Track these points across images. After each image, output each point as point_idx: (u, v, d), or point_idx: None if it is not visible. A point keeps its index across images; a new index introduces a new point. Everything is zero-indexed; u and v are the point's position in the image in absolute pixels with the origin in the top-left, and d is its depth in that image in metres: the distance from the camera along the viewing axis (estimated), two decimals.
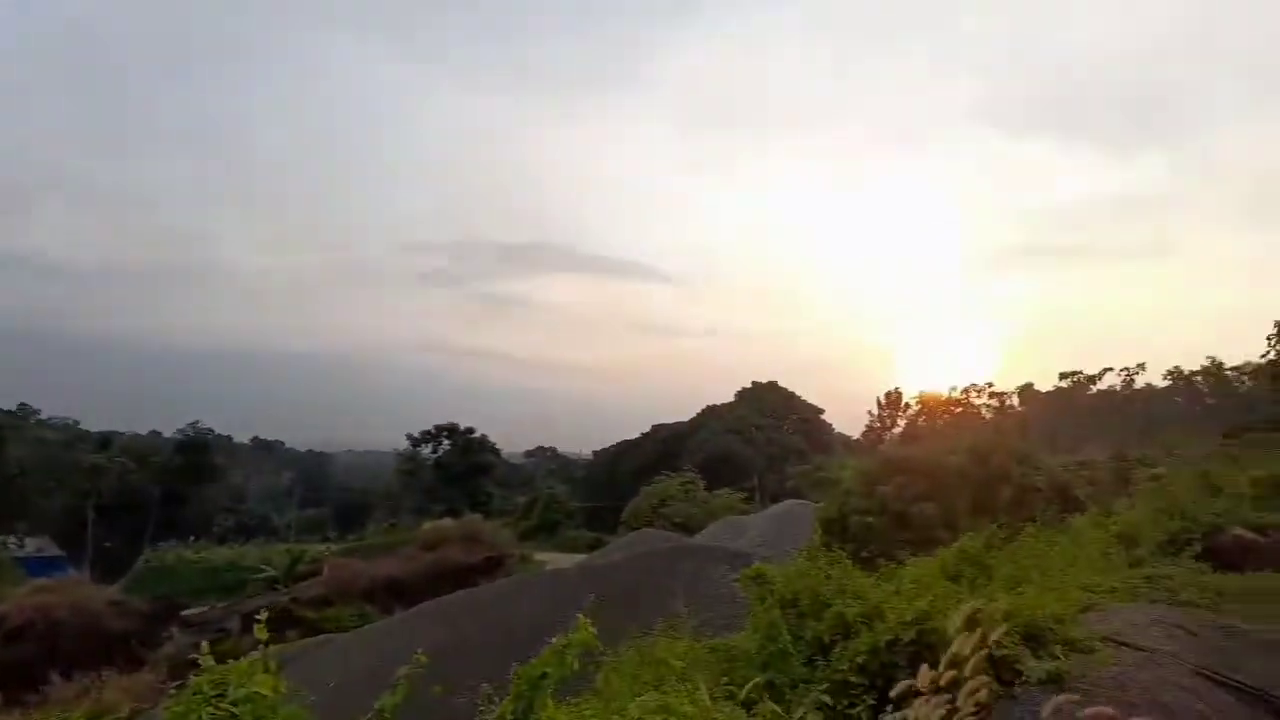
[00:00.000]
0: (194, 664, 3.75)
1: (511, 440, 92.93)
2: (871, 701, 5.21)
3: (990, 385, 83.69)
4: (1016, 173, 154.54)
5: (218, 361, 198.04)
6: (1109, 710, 3.43)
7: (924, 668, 4.54)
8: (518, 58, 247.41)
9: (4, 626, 39.98)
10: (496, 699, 4.26)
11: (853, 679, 5.47)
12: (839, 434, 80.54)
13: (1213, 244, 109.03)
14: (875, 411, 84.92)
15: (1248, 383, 58.56)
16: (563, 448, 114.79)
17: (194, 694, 3.47)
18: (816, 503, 27.63)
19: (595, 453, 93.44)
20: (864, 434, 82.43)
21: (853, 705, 5.21)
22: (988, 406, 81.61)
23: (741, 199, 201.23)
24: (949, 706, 4.25)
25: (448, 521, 57.55)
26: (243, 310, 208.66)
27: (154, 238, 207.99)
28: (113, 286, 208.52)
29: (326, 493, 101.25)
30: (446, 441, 78.18)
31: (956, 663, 4.42)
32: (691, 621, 9.17)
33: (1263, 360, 51.62)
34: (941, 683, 4.40)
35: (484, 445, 78.30)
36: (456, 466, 75.87)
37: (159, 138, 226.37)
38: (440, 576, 45.39)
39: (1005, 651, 5.61)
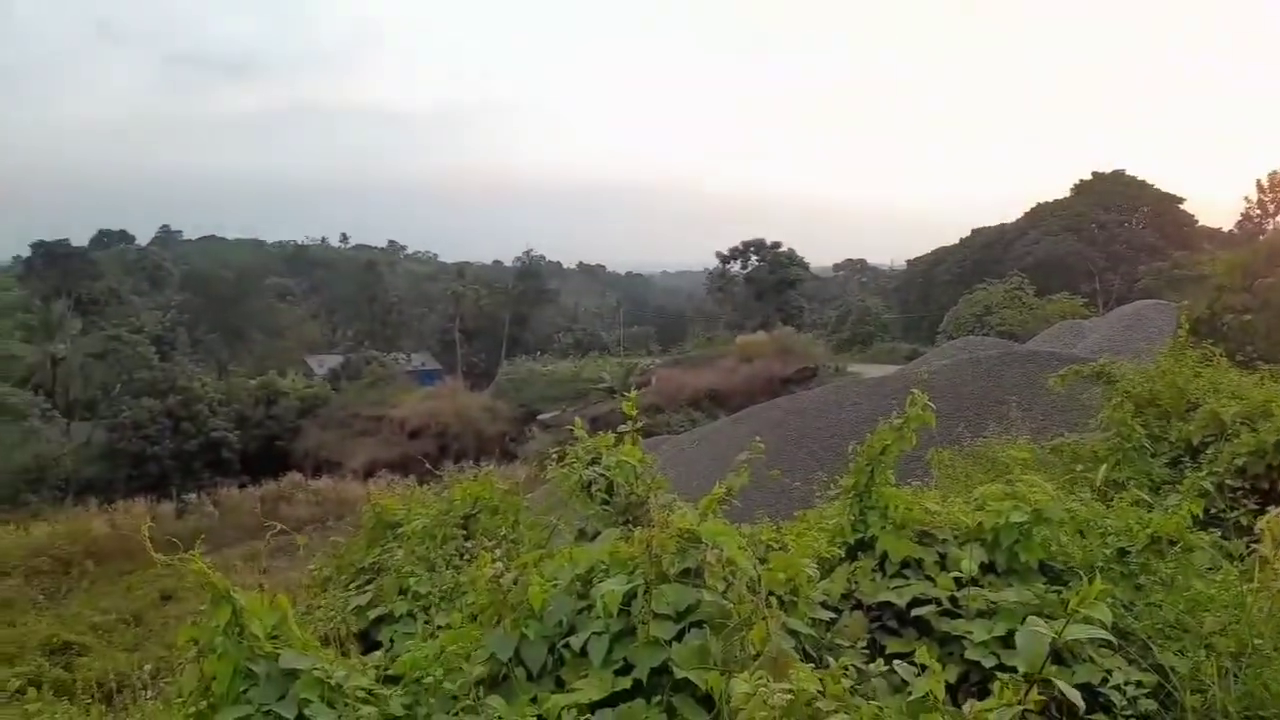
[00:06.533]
0: (558, 458, 4.37)
1: (819, 253, 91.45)
2: (1253, 507, 4.68)
3: None
4: None
5: (543, 194, 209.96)
6: None
7: None
8: None
9: (406, 427, 49.37)
10: (832, 485, 4.44)
11: (1230, 482, 4.93)
12: (1203, 227, 69.11)
13: None
14: (1253, 198, 70.83)
15: None
16: (873, 259, 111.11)
17: (573, 461, 4.10)
18: (1177, 303, 24.44)
19: (909, 262, 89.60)
20: (1238, 224, 69.48)
21: (1232, 508, 4.70)
22: None
23: None
24: None
25: (761, 335, 59.42)
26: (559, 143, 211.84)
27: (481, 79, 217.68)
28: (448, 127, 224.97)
29: (646, 311, 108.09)
30: (755, 258, 78.94)
31: None
32: (1027, 425, 8.78)
33: None
34: None
35: (791, 259, 78.01)
36: (766, 282, 76.74)
37: None
38: (757, 387, 47.66)
39: None
